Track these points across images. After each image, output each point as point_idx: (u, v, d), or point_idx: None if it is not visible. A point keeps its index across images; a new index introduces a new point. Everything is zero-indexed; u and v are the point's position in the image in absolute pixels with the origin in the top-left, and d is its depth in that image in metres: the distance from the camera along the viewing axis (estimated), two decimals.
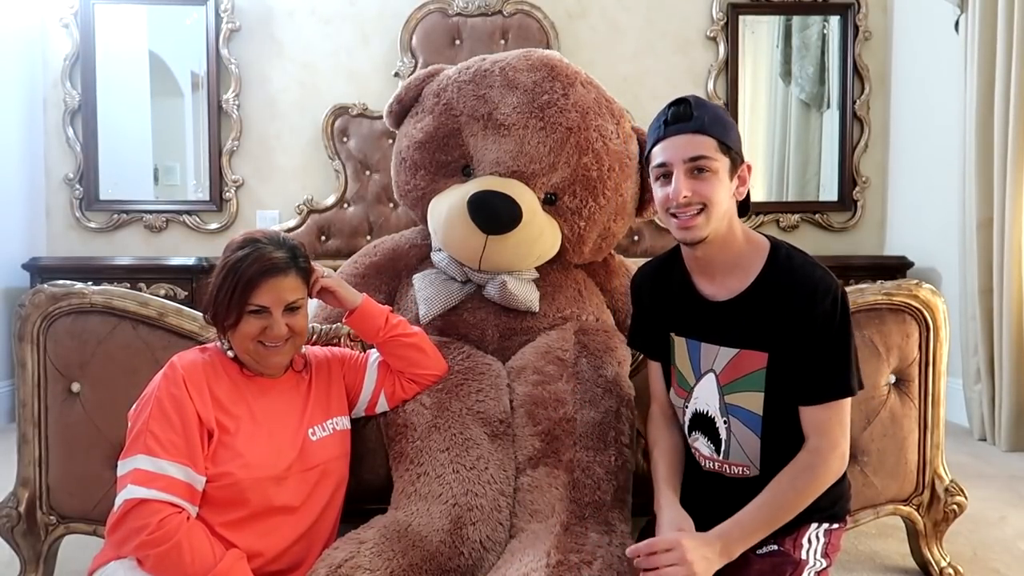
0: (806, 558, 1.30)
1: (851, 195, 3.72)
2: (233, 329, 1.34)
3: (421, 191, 1.77)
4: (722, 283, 1.35)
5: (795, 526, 1.31)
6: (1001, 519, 2.09)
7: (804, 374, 1.28)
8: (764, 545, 1.30)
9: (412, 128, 1.78)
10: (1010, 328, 2.72)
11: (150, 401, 1.29)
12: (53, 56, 3.48)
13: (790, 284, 1.29)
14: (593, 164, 1.66)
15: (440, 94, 1.75)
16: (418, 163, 1.75)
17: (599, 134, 1.67)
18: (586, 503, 1.43)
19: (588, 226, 1.70)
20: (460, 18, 3.55)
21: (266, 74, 3.59)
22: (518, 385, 1.58)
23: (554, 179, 1.67)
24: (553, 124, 1.65)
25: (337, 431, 1.46)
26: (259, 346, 1.36)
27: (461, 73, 1.75)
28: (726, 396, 1.34)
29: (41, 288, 1.57)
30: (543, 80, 1.68)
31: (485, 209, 1.56)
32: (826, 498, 1.31)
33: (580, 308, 1.74)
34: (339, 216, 3.51)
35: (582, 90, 1.70)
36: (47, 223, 3.53)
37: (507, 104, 1.66)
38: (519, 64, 1.71)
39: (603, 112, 1.71)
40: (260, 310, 1.33)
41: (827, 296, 1.26)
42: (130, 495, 1.22)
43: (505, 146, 1.66)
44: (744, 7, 3.68)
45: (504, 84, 1.68)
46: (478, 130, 1.68)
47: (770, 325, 1.29)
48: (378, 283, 1.80)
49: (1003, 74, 2.73)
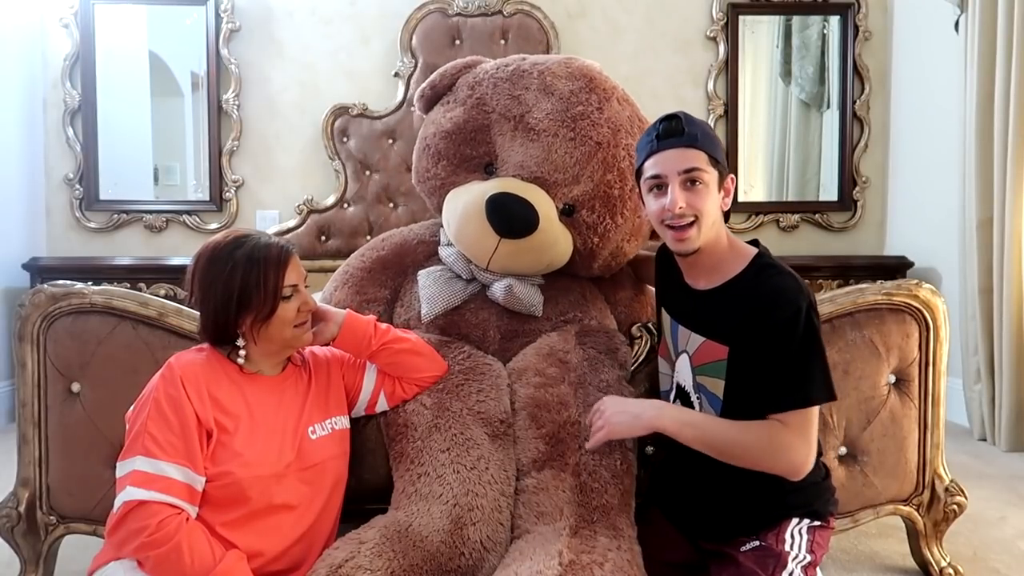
0: (790, 550, 1.33)
1: (851, 195, 3.72)
2: (268, 320, 1.34)
3: (440, 181, 1.75)
4: (702, 277, 1.43)
5: (775, 521, 1.36)
6: (1001, 519, 2.09)
7: (764, 382, 1.31)
8: (747, 542, 1.36)
9: (441, 116, 1.76)
10: (1010, 328, 2.72)
11: (148, 402, 1.29)
12: (53, 56, 3.48)
13: (755, 287, 1.35)
14: (616, 182, 1.65)
15: (475, 87, 1.73)
16: (442, 152, 1.73)
17: (627, 153, 1.65)
18: (594, 507, 1.43)
19: (601, 243, 1.69)
20: (460, 18, 3.55)
21: (266, 74, 3.59)
22: (520, 387, 1.57)
23: (575, 191, 1.65)
24: (583, 136, 1.63)
25: (336, 430, 1.46)
26: (294, 330, 1.38)
27: (499, 69, 1.74)
28: (697, 376, 1.41)
29: (41, 288, 1.57)
30: (580, 90, 1.67)
31: (502, 212, 1.55)
32: (802, 494, 1.37)
33: (583, 312, 1.73)
34: (339, 216, 3.51)
35: (617, 106, 1.69)
36: (47, 223, 3.53)
37: (540, 109, 1.65)
38: (558, 70, 1.70)
39: (635, 132, 1.68)
40: (292, 291, 1.37)
41: (789, 306, 1.29)
42: (129, 497, 1.22)
43: (532, 151, 1.64)
44: (744, 7, 3.68)
45: (540, 88, 1.67)
46: (507, 130, 1.67)
47: (731, 321, 1.35)
48: (384, 277, 1.78)
49: (1003, 74, 2.73)
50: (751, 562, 1.33)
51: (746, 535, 1.37)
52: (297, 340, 1.41)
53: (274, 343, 1.38)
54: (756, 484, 1.34)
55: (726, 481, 1.37)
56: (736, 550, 1.36)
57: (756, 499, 1.37)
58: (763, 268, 1.37)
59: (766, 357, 1.30)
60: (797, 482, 1.34)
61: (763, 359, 1.30)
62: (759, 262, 1.38)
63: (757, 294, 1.33)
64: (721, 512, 1.42)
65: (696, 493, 1.46)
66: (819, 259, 3.51)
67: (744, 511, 1.39)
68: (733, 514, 1.40)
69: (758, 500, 1.37)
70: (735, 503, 1.39)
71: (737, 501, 1.39)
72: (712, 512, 1.43)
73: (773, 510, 1.37)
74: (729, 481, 1.36)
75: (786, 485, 1.33)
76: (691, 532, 1.47)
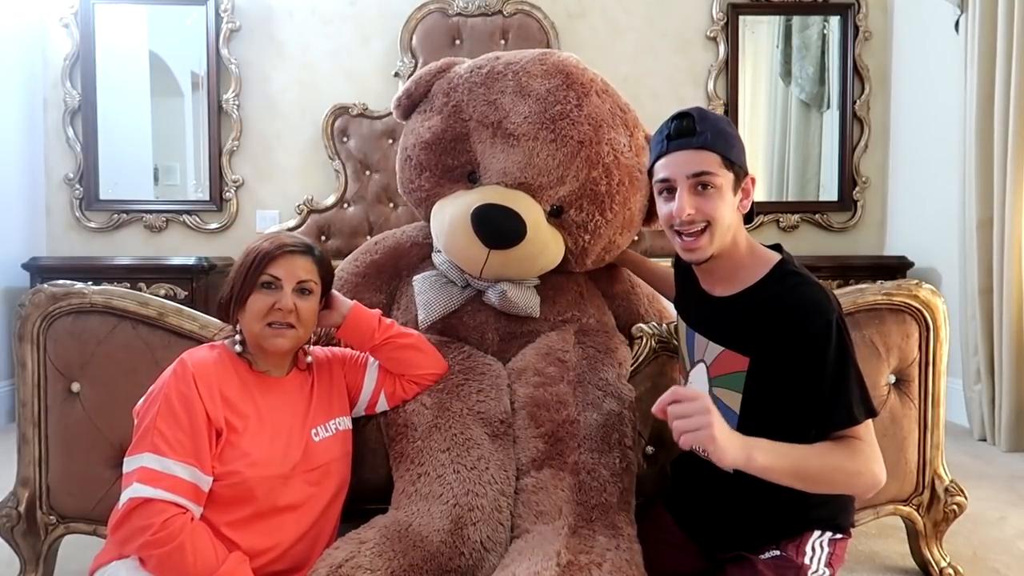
0: (809, 563, 1.30)
1: (851, 195, 3.73)
2: (242, 309, 1.37)
3: (425, 192, 1.73)
4: (719, 284, 1.37)
5: (798, 532, 1.32)
6: (1001, 519, 2.09)
7: (806, 406, 1.22)
8: (767, 550, 1.32)
9: (420, 126, 1.73)
10: (1010, 328, 2.72)
11: (158, 398, 1.29)
12: (53, 56, 3.48)
13: (780, 295, 1.27)
14: (602, 178, 1.62)
15: (450, 94, 1.69)
16: (424, 164, 1.71)
17: (611, 147, 1.62)
18: (592, 505, 1.43)
19: (593, 240, 1.67)
20: (460, 18, 3.55)
21: (266, 74, 3.59)
22: (519, 387, 1.57)
23: (561, 192, 1.63)
24: (564, 137, 1.59)
25: (339, 431, 1.46)
26: (265, 328, 1.36)
27: (473, 73, 1.69)
28: (713, 388, 1.35)
29: (41, 288, 1.57)
30: (557, 88, 1.62)
31: (488, 224, 1.53)
32: (827, 507, 1.32)
33: (581, 311, 1.73)
34: (339, 216, 3.51)
35: (597, 100, 1.64)
36: (47, 223, 3.53)
37: (518, 113, 1.61)
38: (533, 69, 1.65)
39: (617, 124, 1.65)
40: (271, 283, 1.36)
41: (818, 317, 1.21)
42: (135, 493, 1.22)
43: (513, 157, 1.61)
44: (744, 7, 3.68)
45: (516, 91, 1.63)
46: (487, 137, 1.64)
47: (754, 331, 1.28)
48: (379, 282, 1.78)
49: (1003, 74, 2.73)
50: (770, 571, 1.28)
51: (767, 543, 1.33)
52: (267, 340, 1.36)
53: (249, 335, 1.39)
54: (780, 498, 1.25)
55: (749, 495, 1.30)
56: (756, 556, 1.31)
57: (780, 510, 1.31)
58: (786, 275, 1.29)
59: (798, 373, 1.22)
60: (822, 496, 1.27)
61: (794, 374, 1.22)
62: (782, 269, 1.31)
63: (782, 303, 1.25)
64: (743, 522, 1.36)
65: (716, 505, 1.39)
66: (819, 259, 3.51)
67: (767, 521, 1.34)
68: (756, 524, 1.35)
69: (782, 511, 1.31)
70: (759, 513, 1.33)
71: (761, 512, 1.33)
72: (732, 524, 1.38)
73: (797, 522, 1.32)
74: (752, 495, 1.29)
75: (810, 499, 1.25)
76: (707, 543, 1.44)
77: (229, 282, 1.40)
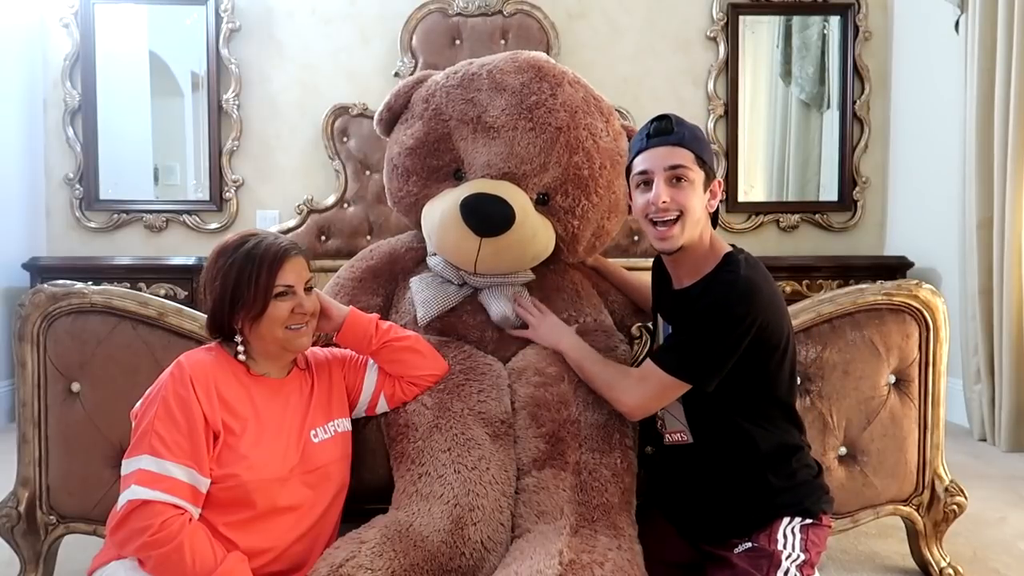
0: (783, 549, 1.34)
1: (851, 195, 3.72)
2: (259, 319, 1.34)
3: (414, 197, 1.76)
4: (685, 276, 1.47)
5: (767, 521, 1.37)
6: (1001, 519, 2.09)
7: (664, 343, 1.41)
8: (740, 543, 1.37)
9: (402, 135, 1.77)
10: (1010, 328, 2.72)
11: (156, 400, 1.29)
12: (53, 56, 3.48)
13: (709, 282, 1.40)
14: (584, 162, 1.66)
15: (429, 100, 1.74)
16: (410, 169, 1.75)
17: (589, 132, 1.67)
18: (594, 505, 1.43)
19: (582, 225, 1.70)
20: (460, 18, 3.55)
21: (266, 74, 3.59)
22: (519, 386, 1.57)
23: (545, 179, 1.66)
24: (542, 124, 1.64)
25: (338, 433, 1.46)
26: (287, 331, 1.37)
27: (449, 78, 1.75)
28: None
29: (41, 288, 1.57)
30: (530, 81, 1.67)
31: (478, 212, 1.56)
32: (792, 493, 1.39)
33: (577, 310, 1.74)
34: (339, 216, 3.51)
35: (570, 89, 1.70)
36: (47, 223, 3.53)
37: (495, 106, 1.66)
38: (506, 67, 1.70)
39: (592, 110, 1.71)
40: (286, 291, 1.36)
41: (722, 298, 1.34)
42: (134, 495, 1.22)
43: (495, 148, 1.65)
44: (744, 7, 3.68)
45: (492, 87, 1.68)
46: (468, 134, 1.68)
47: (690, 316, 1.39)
48: (375, 287, 1.79)
49: (1003, 74, 2.73)
50: (745, 563, 1.34)
51: (739, 537, 1.38)
52: (291, 343, 1.39)
53: (266, 342, 1.38)
54: (744, 484, 1.38)
55: (714, 482, 1.41)
56: (730, 552, 1.37)
57: (745, 499, 1.39)
58: (725, 264, 1.40)
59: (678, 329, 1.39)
60: (786, 481, 1.37)
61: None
62: (728, 259, 1.41)
63: (707, 288, 1.39)
64: (714, 513, 1.44)
65: (689, 495, 1.48)
66: (819, 259, 3.51)
67: (735, 511, 1.40)
68: (725, 515, 1.42)
69: (747, 500, 1.39)
70: (725, 503, 1.42)
71: (727, 501, 1.41)
72: (706, 513, 1.45)
73: (763, 510, 1.38)
74: (717, 482, 1.41)
75: (774, 485, 1.37)
76: (689, 534, 1.49)
77: (221, 298, 1.34)
